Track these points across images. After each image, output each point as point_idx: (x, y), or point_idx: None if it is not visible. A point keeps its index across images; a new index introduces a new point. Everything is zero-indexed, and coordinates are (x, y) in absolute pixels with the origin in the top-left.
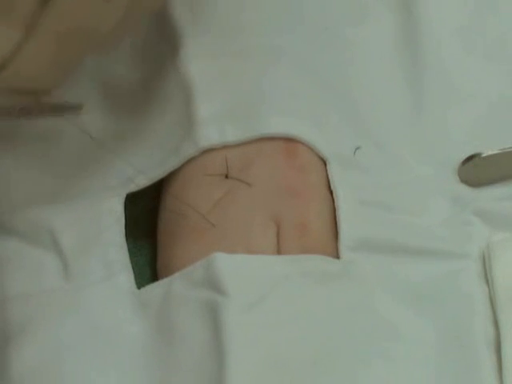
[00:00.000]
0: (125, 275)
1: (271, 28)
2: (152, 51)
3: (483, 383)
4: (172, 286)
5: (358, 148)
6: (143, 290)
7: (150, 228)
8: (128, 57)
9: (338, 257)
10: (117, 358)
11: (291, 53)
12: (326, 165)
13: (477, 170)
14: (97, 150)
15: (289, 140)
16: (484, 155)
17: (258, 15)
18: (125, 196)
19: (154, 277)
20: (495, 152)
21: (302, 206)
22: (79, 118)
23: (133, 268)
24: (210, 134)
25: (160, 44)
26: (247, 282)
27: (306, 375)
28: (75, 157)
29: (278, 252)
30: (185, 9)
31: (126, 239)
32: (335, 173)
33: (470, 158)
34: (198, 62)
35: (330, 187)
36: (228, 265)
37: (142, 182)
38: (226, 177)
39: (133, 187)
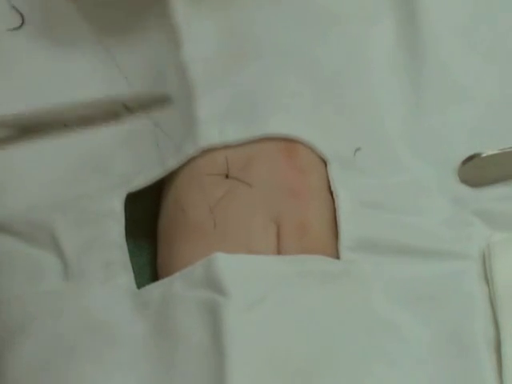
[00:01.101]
0: (125, 275)
1: (272, 28)
2: (153, 51)
3: (483, 383)
4: (172, 286)
5: (357, 149)
6: (143, 290)
7: (150, 228)
8: (129, 56)
9: (338, 257)
10: (117, 357)
11: (292, 53)
12: (326, 165)
13: (477, 170)
14: (97, 151)
15: (289, 140)
16: (484, 155)
17: (260, 14)
18: (125, 196)
19: (154, 277)
20: (495, 152)
21: (302, 207)
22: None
23: (133, 268)
24: (210, 133)
25: (161, 44)
26: (247, 282)
27: (305, 375)
28: (75, 157)
29: (278, 252)
30: (186, 9)
31: (126, 239)
32: (335, 173)
33: (470, 158)
34: (199, 61)
35: (330, 188)
36: (228, 265)
37: (143, 182)
38: (227, 177)
39: (133, 187)
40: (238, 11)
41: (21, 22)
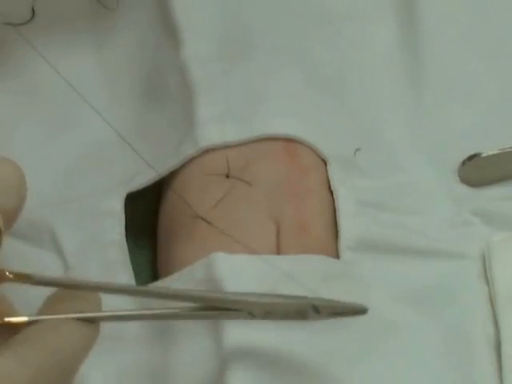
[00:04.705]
0: (125, 275)
1: (272, 27)
2: (153, 51)
3: (483, 383)
4: (172, 285)
5: (358, 149)
6: None
7: (150, 228)
8: (129, 56)
9: (338, 257)
10: (116, 358)
11: (292, 52)
12: (326, 165)
13: (477, 170)
14: (97, 150)
15: (289, 140)
16: (484, 155)
17: (259, 14)
18: (125, 196)
19: (154, 276)
20: (495, 152)
21: (302, 206)
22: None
23: (133, 268)
24: (210, 133)
25: (161, 44)
26: (247, 282)
27: (305, 375)
28: (75, 157)
29: (278, 252)
30: (186, 8)
31: (126, 239)
32: (335, 173)
33: (470, 158)
34: (199, 61)
35: (330, 187)
36: (228, 265)
37: (143, 181)
38: (227, 176)
39: (133, 187)
40: (238, 11)
41: (31, 15)
